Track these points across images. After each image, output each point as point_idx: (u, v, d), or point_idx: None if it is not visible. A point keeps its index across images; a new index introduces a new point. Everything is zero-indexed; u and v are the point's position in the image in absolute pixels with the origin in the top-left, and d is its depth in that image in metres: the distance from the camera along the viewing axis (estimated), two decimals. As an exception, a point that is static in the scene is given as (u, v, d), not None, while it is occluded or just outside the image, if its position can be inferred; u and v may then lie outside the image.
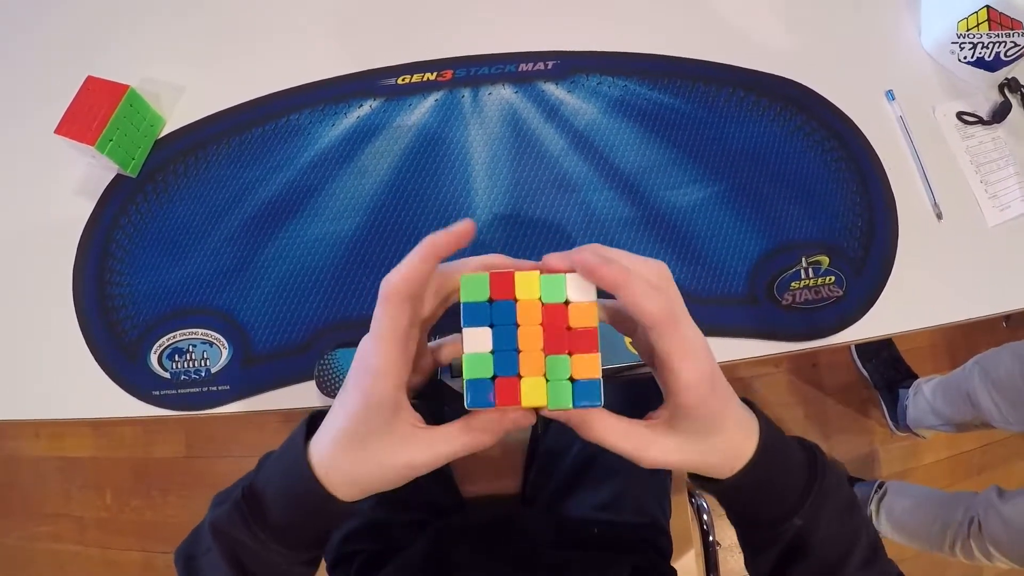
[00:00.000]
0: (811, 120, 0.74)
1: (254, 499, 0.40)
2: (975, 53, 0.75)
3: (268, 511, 0.40)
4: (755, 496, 0.42)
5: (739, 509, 0.44)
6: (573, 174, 0.71)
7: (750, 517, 0.44)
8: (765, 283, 0.67)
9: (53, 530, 1.66)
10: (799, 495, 0.41)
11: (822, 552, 0.42)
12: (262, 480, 0.41)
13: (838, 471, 0.44)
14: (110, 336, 0.67)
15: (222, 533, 0.40)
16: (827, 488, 0.41)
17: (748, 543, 0.47)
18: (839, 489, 0.43)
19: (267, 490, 0.41)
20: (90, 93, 0.68)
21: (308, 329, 0.66)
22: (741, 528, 0.47)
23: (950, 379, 1.42)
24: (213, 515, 0.41)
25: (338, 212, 0.70)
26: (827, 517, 0.41)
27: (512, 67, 0.75)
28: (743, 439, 0.40)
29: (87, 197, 0.72)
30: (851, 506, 0.43)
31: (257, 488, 0.41)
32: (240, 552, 0.40)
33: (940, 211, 0.71)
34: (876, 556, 0.44)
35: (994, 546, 1.18)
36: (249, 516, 0.40)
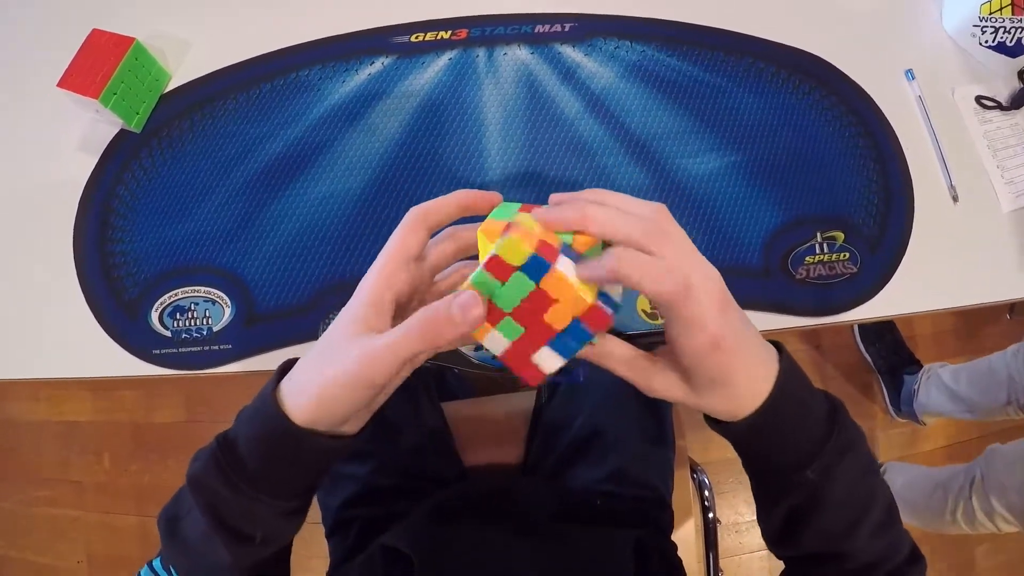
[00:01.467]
0: (830, 95, 0.73)
1: (228, 446, 0.39)
2: (996, 37, 0.74)
3: (242, 456, 0.39)
4: (767, 441, 0.41)
5: (750, 453, 0.44)
6: (588, 138, 0.70)
7: (761, 463, 0.44)
8: (779, 256, 0.67)
9: (51, 494, 1.66)
10: (814, 446, 0.40)
11: (836, 512, 0.41)
12: (235, 427, 0.41)
13: (859, 429, 0.43)
14: (110, 294, 0.66)
15: (200, 486, 0.39)
16: (844, 444, 0.41)
17: (760, 492, 0.46)
18: (857, 448, 0.42)
19: (239, 434, 0.40)
20: (95, 46, 0.67)
21: (313, 288, 0.65)
22: (754, 478, 0.46)
23: (979, 365, 1.41)
24: (190, 470, 0.40)
25: (346, 170, 0.69)
26: (843, 475, 0.40)
27: (528, 28, 0.73)
28: (755, 388, 0.39)
29: (89, 153, 0.70)
30: (869, 468, 0.43)
31: (231, 434, 0.40)
32: (220, 504, 0.39)
33: (956, 193, 0.71)
34: (891, 521, 0.44)
35: (997, 496, 1.19)
36: (225, 464, 0.39)
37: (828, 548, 0.43)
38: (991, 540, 1.61)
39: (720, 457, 1.44)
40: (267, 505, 0.39)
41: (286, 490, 0.40)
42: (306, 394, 0.38)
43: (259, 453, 0.39)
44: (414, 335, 0.35)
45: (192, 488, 0.39)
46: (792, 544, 0.45)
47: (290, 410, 0.38)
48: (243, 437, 0.39)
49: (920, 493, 1.40)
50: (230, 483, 0.38)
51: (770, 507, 0.45)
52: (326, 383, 0.37)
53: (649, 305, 0.63)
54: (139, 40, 0.68)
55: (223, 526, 0.39)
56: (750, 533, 1.56)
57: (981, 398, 1.38)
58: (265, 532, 0.41)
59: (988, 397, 1.36)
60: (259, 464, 0.39)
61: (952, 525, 1.31)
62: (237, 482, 0.38)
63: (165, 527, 0.42)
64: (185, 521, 0.41)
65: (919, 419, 1.58)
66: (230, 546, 0.39)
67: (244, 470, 0.39)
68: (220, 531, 0.39)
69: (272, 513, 0.40)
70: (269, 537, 0.41)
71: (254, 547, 0.40)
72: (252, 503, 0.39)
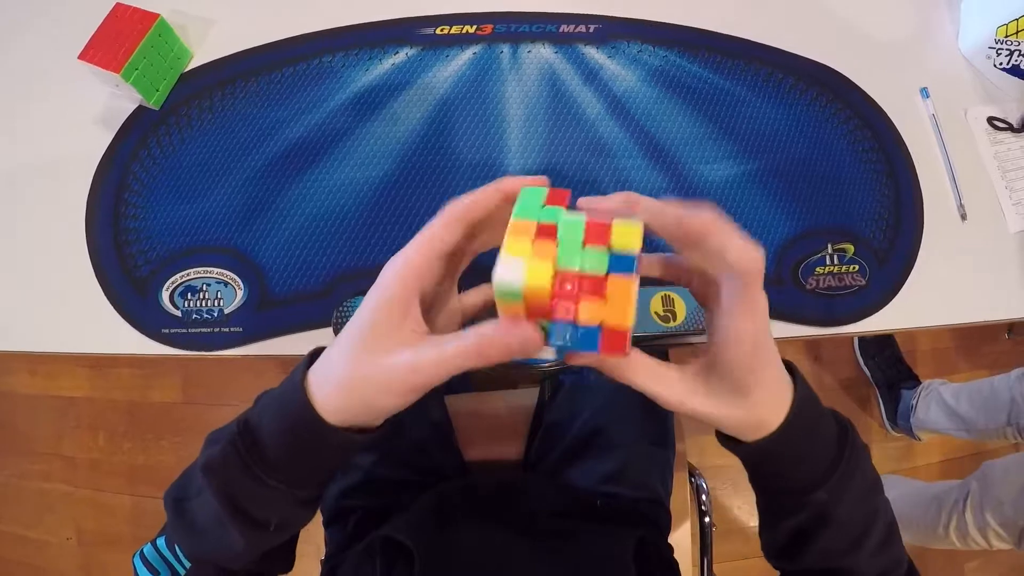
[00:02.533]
0: (846, 108, 0.73)
1: (249, 433, 0.39)
2: (1011, 60, 0.74)
3: (264, 444, 0.38)
4: (781, 463, 0.41)
5: (764, 474, 0.44)
6: (608, 139, 0.70)
7: (775, 484, 0.44)
8: (791, 265, 0.67)
9: (44, 469, 1.65)
10: (827, 468, 0.41)
11: (842, 528, 0.42)
12: (257, 413, 0.40)
13: (865, 451, 0.44)
14: (122, 271, 0.66)
15: (215, 472, 0.39)
16: (854, 465, 0.41)
17: (769, 510, 0.46)
18: (865, 467, 0.42)
19: (263, 422, 0.39)
20: (118, 20, 0.67)
21: (328, 275, 0.65)
22: (764, 495, 0.46)
23: (982, 385, 1.42)
24: (206, 455, 0.40)
25: (366, 159, 0.69)
26: (851, 494, 0.41)
27: (553, 27, 0.74)
28: (773, 406, 0.39)
29: (107, 127, 0.70)
30: (874, 486, 0.43)
31: (252, 422, 0.40)
32: (234, 489, 0.38)
33: (965, 212, 0.71)
34: (891, 539, 0.44)
35: (992, 510, 1.19)
36: (244, 451, 0.38)
37: (830, 565, 0.44)
38: (981, 556, 1.62)
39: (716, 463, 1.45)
40: (285, 494, 0.39)
41: (307, 480, 0.40)
42: (341, 393, 0.37)
43: (284, 444, 0.38)
44: (470, 355, 0.35)
45: (207, 472, 0.39)
46: (795, 559, 0.45)
47: (320, 405, 0.37)
48: (268, 427, 0.39)
49: (913, 507, 1.40)
50: (249, 471, 0.38)
51: (776, 524, 0.45)
52: (366, 385, 0.37)
53: (662, 307, 0.63)
54: (163, 16, 0.67)
55: (238, 511, 0.39)
56: (744, 539, 1.57)
57: (980, 418, 1.39)
58: (280, 519, 0.40)
59: (987, 418, 1.37)
60: (282, 455, 0.38)
61: (944, 540, 1.31)
62: (257, 471, 0.38)
63: (173, 507, 0.42)
64: (194, 502, 0.41)
65: (915, 434, 1.59)
66: (244, 531, 0.39)
67: (265, 459, 0.38)
68: (234, 516, 0.39)
69: (290, 501, 0.40)
70: (284, 524, 0.41)
71: (268, 533, 0.40)
72: (271, 492, 0.38)
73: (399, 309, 0.37)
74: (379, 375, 0.36)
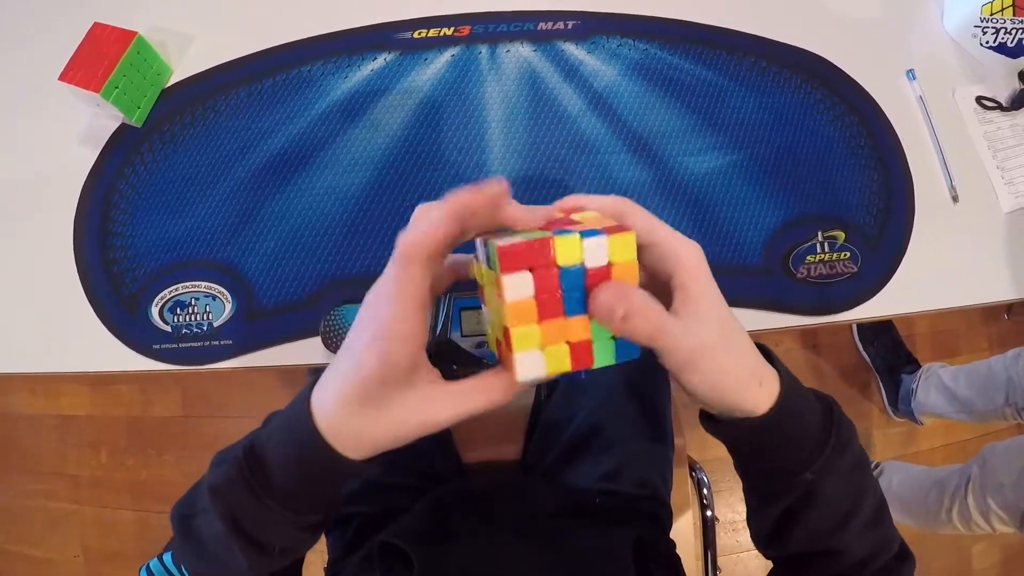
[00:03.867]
0: (832, 95, 0.73)
1: (256, 460, 0.39)
2: (997, 38, 0.74)
3: (271, 473, 0.38)
4: (772, 447, 0.41)
5: (751, 454, 0.44)
6: (590, 136, 0.70)
7: (762, 465, 0.44)
8: (780, 255, 0.67)
9: (47, 487, 1.66)
10: (814, 447, 0.40)
11: (829, 508, 0.41)
12: (264, 439, 0.40)
13: (851, 426, 0.44)
14: (110, 288, 0.66)
15: (221, 494, 0.38)
16: (841, 442, 0.41)
17: (755, 495, 0.46)
18: (851, 445, 0.42)
19: (269, 451, 0.39)
20: (96, 39, 0.67)
21: (314, 284, 0.65)
22: (750, 479, 0.46)
23: (979, 367, 1.42)
24: (212, 476, 0.39)
25: (348, 166, 0.69)
26: (838, 472, 0.41)
27: (531, 25, 0.73)
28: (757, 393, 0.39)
29: (90, 146, 0.70)
30: (861, 463, 0.43)
31: (258, 448, 0.39)
32: (239, 512, 0.38)
33: (956, 194, 0.71)
34: (881, 517, 0.44)
35: (993, 494, 1.19)
36: (251, 477, 0.38)
37: (820, 546, 0.43)
38: (987, 539, 1.62)
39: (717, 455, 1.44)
40: (291, 519, 0.39)
41: (313, 506, 0.40)
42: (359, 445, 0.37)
43: (291, 473, 0.38)
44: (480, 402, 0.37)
45: (212, 494, 0.39)
46: (784, 543, 0.45)
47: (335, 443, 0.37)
48: (275, 454, 0.39)
49: (916, 492, 1.40)
50: (255, 496, 0.38)
51: (765, 508, 0.45)
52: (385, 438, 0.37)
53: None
54: (141, 34, 0.67)
55: (243, 535, 0.38)
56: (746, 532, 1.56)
57: (979, 400, 1.39)
58: (285, 544, 0.40)
59: (986, 399, 1.37)
60: (290, 483, 0.38)
61: (948, 525, 1.31)
62: (262, 496, 0.38)
63: (179, 524, 0.42)
64: (200, 520, 0.41)
65: (917, 419, 1.59)
66: (248, 554, 0.39)
67: (271, 486, 0.38)
68: (239, 539, 0.38)
69: (295, 527, 0.40)
70: (288, 548, 0.41)
71: (272, 558, 0.40)
72: (276, 516, 0.38)
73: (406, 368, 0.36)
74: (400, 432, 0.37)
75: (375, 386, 0.36)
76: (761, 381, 0.39)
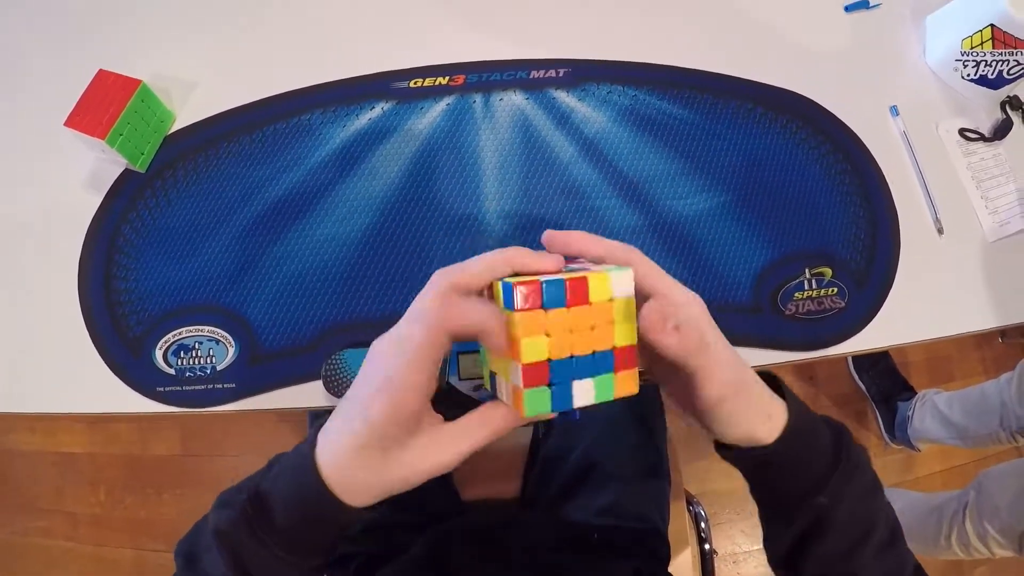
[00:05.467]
0: (817, 134, 0.75)
1: (260, 504, 0.39)
2: (978, 71, 0.76)
3: (275, 519, 0.39)
4: (782, 470, 0.42)
5: (764, 481, 0.45)
6: (582, 181, 0.71)
7: (774, 490, 0.45)
8: (769, 293, 0.68)
9: (45, 525, 1.64)
10: (824, 473, 0.42)
11: (843, 531, 0.42)
12: (269, 485, 0.40)
13: (862, 453, 0.45)
14: (115, 331, 0.66)
15: (226, 536, 0.39)
16: (852, 468, 0.42)
17: (770, 519, 0.47)
18: (863, 470, 0.43)
19: (274, 496, 0.40)
20: (101, 86, 0.68)
21: (316, 329, 0.66)
22: (764, 504, 0.47)
23: (973, 392, 1.43)
24: (216, 518, 0.40)
25: (347, 213, 0.70)
26: (850, 497, 0.42)
27: (524, 73, 0.75)
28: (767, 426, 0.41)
29: (95, 191, 0.71)
30: (873, 488, 0.44)
31: (263, 493, 0.40)
32: (244, 555, 0.39)
33: (941, 226, 0.72)
34: (894, 540, 0.45)
35: (990, 518, 1.19)
36: (255, 521, 0.39)
37: (835, 569, 0.44)
38: (988, 564, 1.61)
39: (716, 488, 1.44)
40: (294, 564, 0.40)
41: (315, 550, 0.41)
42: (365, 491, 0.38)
43: (295, 519, 0.39)
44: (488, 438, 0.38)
45: (218, 538, 0.39)
46: (800, 567, 0.45)
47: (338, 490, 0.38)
48: (279, 500, 0.39)
49: (915, 518, 1.40)
50: (259, 540, 0.39)
51: (780, 531, 0.45)
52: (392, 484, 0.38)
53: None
54: (145, 82, 0.69)
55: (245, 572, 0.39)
56: (747, 564, 1.55)
57: (973, 424, 1.39)
58: None
59: (980, 423, 1.37)
60: (294, 529, 0.39)
61: (948, 550, 1.31)
62: (265, 538, 0.39)
63: (184, 563, 0.42)
64: (206, 559, 0.41)
65: (913, 445, 1.58)
66: None
67: (275, 531, 0.39)
68: None
69: (296, 570, 0.40)
70: None
71: None
72: (278, 561, 0.39)
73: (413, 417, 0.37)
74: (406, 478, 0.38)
75: (381, 434, 0.37)
76: (770, 415, 0.41)
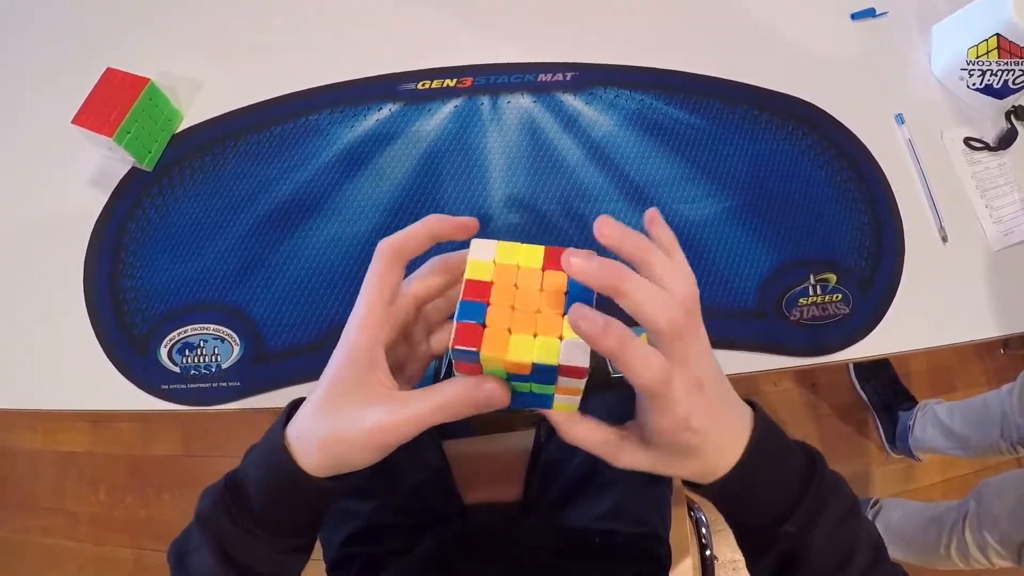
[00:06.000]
0: (822, 140, 0.75)
1: (236, 487, 0.41)
2: (984, 80, 0.76)
3: (249, 495, 0.40)
4: (741, 501, 0.42)
5: (728, 511, 0.44)
6: (589, 184, 0.72)
7: (740, 520, 0.44)
8: (774, 298, 0.68)
9: (46, 524, 1.64)
10: (791, 502, 0.41)
11: (820, 559, 0.41)
12: (244, 467, 0.42)
13: (838, 477, 0.44)
14: (120, 329, 0.67)
15: (208, 523, 0.40)
16: (823, 494, 0.41)
17: (744, 547, 0.47)
18: (837, 495, 0.42)
19: (248, 476, 0.41)
20: (109, 85, 0.68)
21: (321, 328, 0.66)
22: (736, 531, 0.46)
23: (974, 402, 1.43)
24: (199, 508, 0.42)
25: (354, 214, 0.70)
26: (824, 524, 0.41)
27: (532, 77, 0.76)
28: (724, 454, 0.39)
29: (101, 189, 0.72)
30: (851, 512, 0.43)
31: (239, 474, 0.41)
32: (227, 542, 0.40)
33: (946, 234, 0.72)
34: (879, 560, 0.44)
35: (990, 528, 1.18)
36: (232, 504, 0.40)
37: None
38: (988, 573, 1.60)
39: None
40: (271, 543, 0.40)
41: (290, 529, 0.42)
42: (316, 450, 0.38)
43: (265, 494, 0.40)
44: (437, 411, 0.37)
45: (200, 524, 0.41)
46: None
47: (298, 456, 0.38)
48: (251, 479, 0.41)
49: (915, 528, 1.39)
50: (236, 522, 0.40)
51: (756, 560, 0.45)
52: (338, 444, 0.38)
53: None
54: (153, 80, 0.69)
55: (230, 563, 0.40)
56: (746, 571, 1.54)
57: (974, 434, 1.39)
58: (271, 569, 0.42)
59: (981, 434, 1.37)
60: (264, 505, 0.40)
61: (947, 560, 1.30)
62: (243, 521, 0.40)
63: (174, 562, 0.43)
64: (193, 556, 0.42)
65: (914, 455, 1.58)
66: None
67: (250, 510, 0.40)
68: (227, 567, 0.40)
69: (277, 551, 0.41)
70: (275, 574, 0.42)
71: None
72: (257, 541, 0.40)
73: (365, 362, 0.38)
74: (350, 436, 0.38)
75: (336, 381, 0.38)
76: (711, 476, 0.40)
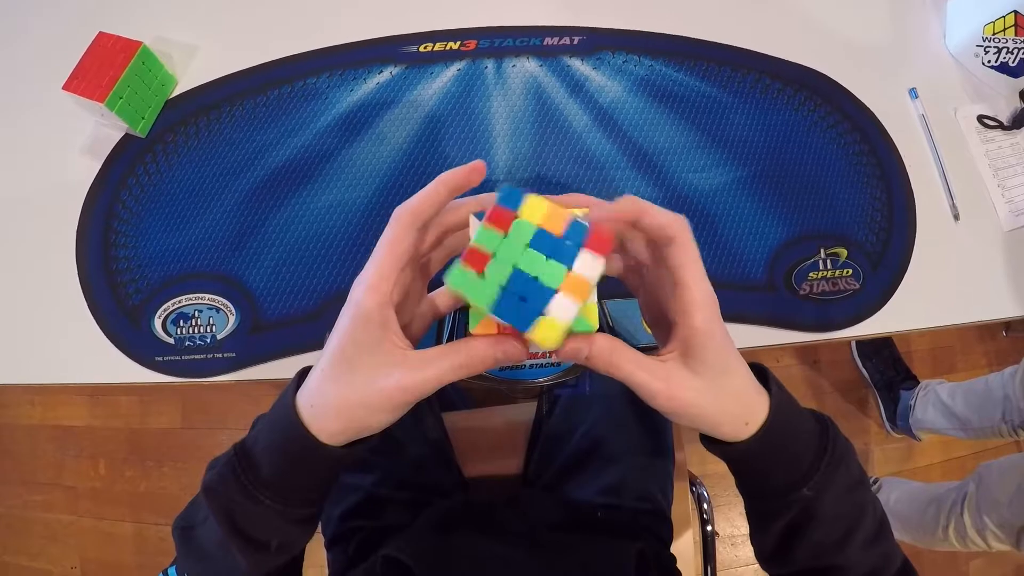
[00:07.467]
0: (835, 112, 0.73)
1: (245, 455, 0.40)
2: (999, 57, 0.75)
3: (259, 464, 0.39)
4: (767, 463, 0.41)
5: (749, 472, 0.44)
6: (595, 151, 0.70)
7: (760, 485, 0.44)
8: (784, 272, 0.67)
9: (46, 499, 1.65)
10: (810, 464, 0.41)
11: (828, 525, 0.42)
12: (253, 435, 0.41)
13: (848, 445, 0.44)
14: (113, 300, 0.65)
15: (216, 494, 0.40)
16: (837, 459, 0.41)
17: (756, 513, 0.46)
18: (849, 462, 0.42)
19: (257, 443, 0.40)
20: (101, 49, 0.67)
21: (319, 297, 0.65)
22: (750, 498, 0.46)
23: (976, 384, 1.43)
24: (206, 478, 0.41)
25: (353, 179, 0.69)
26: (836, 490, 0.41)
27: (537, 40, 0.74)
28: (755, 394, 0.40)
29: (94, 156, 0.70)
30: (860, 481, 0.43)
31: (248, 443, 0.41)
32: (235, 512, 0.39)
33: (957, 212, 0.71)
34: (882, 533, 0.44)
35: (989, 512, 1.19)
36: (241, 472, 0.39)
37: (822, 562, 0.43)
38: (984, 556, 1.61)
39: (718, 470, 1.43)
40: (281, 513, 0.40)
41: (300, 498, 0.41)
42: (333, 416, 0.38)
43: (278, 464, 0.39)
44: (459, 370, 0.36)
45: (207, 495, 0.40)
46: (787, 561, 0.45)
47: (314, 427, 0.38)
48: (262, 448, 0.40)
49: (913, 508, 1.40)
50: (245, 490, 0.39)
51: (766, 525, 0.45)
52: (359, 407, 0.37)
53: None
54: (146, 44, 0.67)
55: (238, 533, 0.39)
56: (746, 546, 1.56)
57: (976, 416, 1.39)
58: (280, 539, 0.41)
59: (982, 416, 1.37)
60: (276, 473, 0.39)
61: (944, 542, 1.31)
62: (252, 490, 0.39)
63: (180, 536, 0.43)
64: (200, 529, 0.42)
65: (915, 435, 1.59)
66: (246, 553, 0.40)
67: (259, 478, 0.39)
68: (235, 538, 0.39)
69: (286, 520, 0.40)
70: (284, 544, 0.42)
71: (270, 554, 0.41)
72: (266, 510, 0.39)
73: (378, 324, 0.37)
74: (369, 398, 0.37)
75: (348, 344, 0.37)
76: (748, 421, 0.40)
